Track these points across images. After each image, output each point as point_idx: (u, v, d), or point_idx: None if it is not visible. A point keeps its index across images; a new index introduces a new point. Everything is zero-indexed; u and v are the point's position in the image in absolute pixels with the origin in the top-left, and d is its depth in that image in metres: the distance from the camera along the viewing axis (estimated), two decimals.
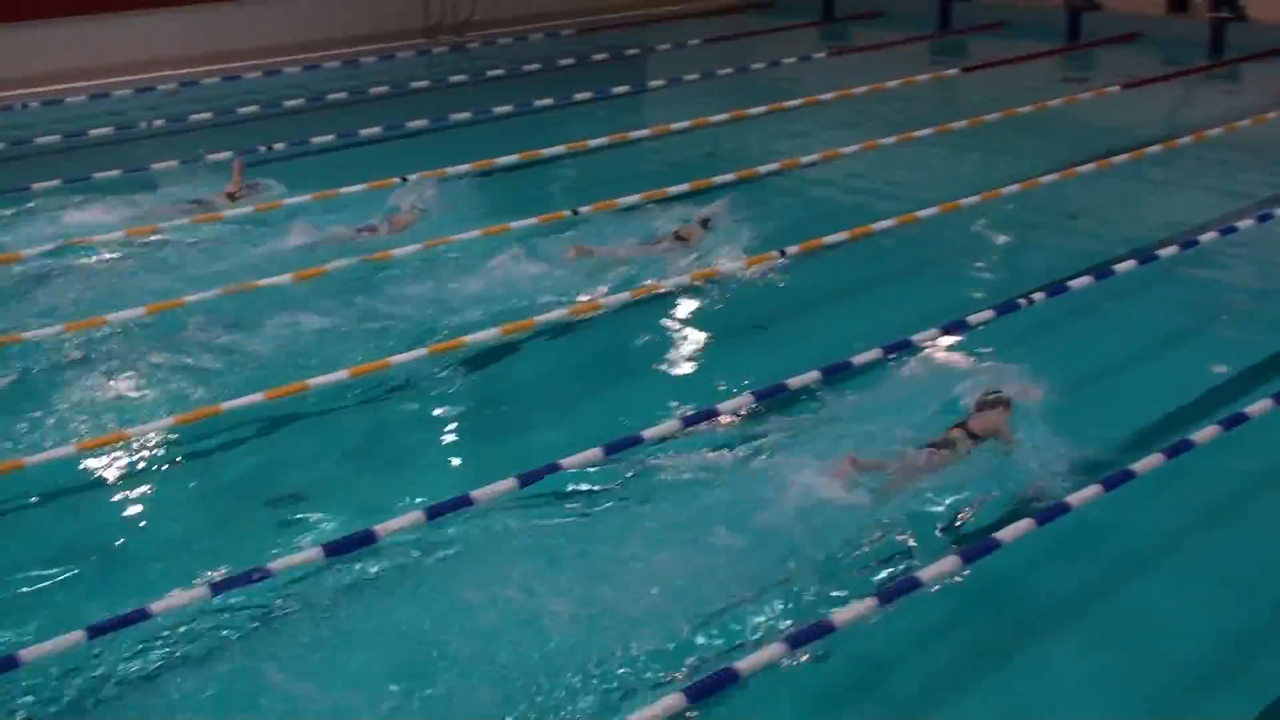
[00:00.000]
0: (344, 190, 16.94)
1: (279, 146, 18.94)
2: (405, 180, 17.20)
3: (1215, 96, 24.18)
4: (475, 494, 9.64)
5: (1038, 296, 13.29)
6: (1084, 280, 13.74)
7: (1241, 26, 27.25)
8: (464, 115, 21.13)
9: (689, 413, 10.99)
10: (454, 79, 24.70)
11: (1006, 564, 9.01)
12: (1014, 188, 17.19)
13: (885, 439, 10.35)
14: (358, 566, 9.06)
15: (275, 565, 8.81)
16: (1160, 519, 9.85)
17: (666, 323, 13.44)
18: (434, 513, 9.44)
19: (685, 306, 13.79)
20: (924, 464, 9.87)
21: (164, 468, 10.77)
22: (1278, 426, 10.82)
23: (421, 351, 12.24)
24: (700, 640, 8.29)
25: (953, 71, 25.24)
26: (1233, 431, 10.46)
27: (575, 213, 16.02)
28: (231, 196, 16.81)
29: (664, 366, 12.59)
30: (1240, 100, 23.46)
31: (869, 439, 10.31)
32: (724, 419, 10.95)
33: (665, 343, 13.06)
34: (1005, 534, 9.02)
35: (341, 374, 11.69)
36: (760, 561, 8.98)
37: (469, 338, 12.50)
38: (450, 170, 17.82)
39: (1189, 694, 8.19)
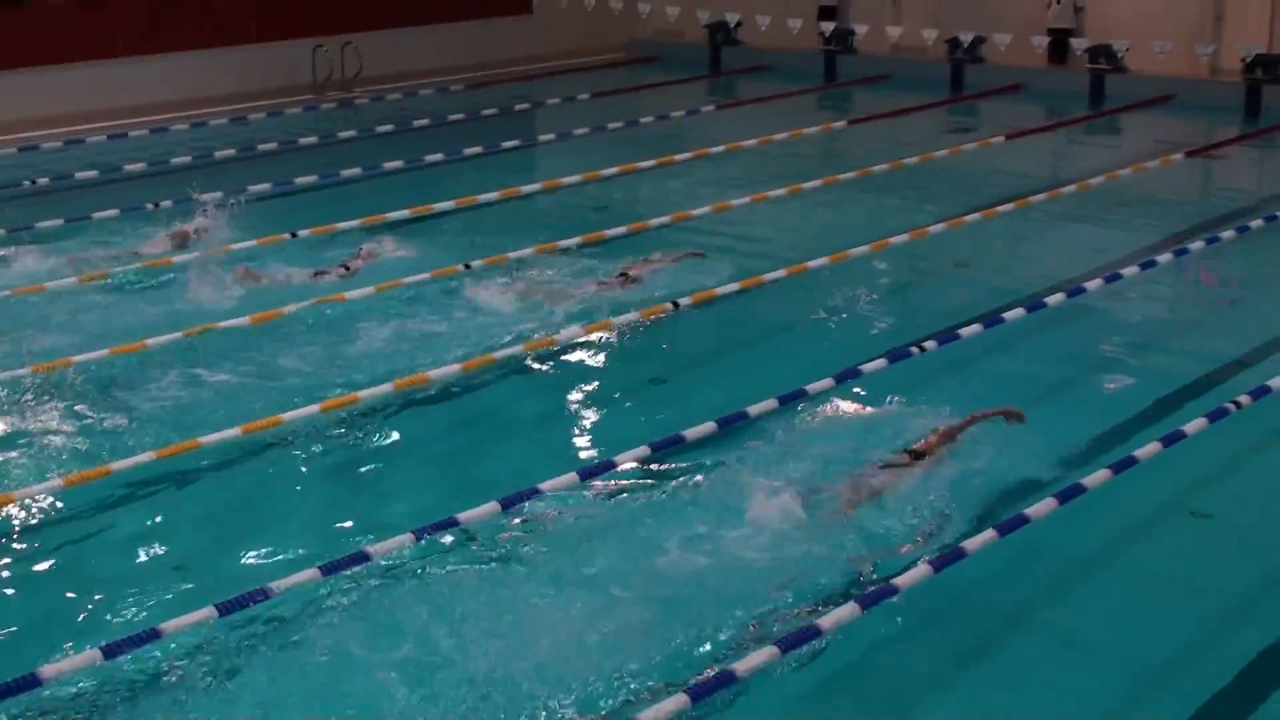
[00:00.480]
0: (232, 246, 16.78)
1: (166, 204, 18.73)
2: (295, 235, 17.13)
3: (1096, 146, 24.66)
4: (372, 549, 9.54)
5: (929, 345, 13.41)
6: (974, 328, 13.89)
7: (1120, 77, 27.84)
8: (353, 171, 21.03)
9: (585, 466, 10.96)
10: (343, 135, 24.62)
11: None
12: (903, 237, 17.38)
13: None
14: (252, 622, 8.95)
15: (167, 627, 8.64)
16: (1055, 564, 9.99)
17: (561, 377, 13.40)
18: (329, 569, 9.32)
19: (579, 361, 13.77)
20: (872, 486, 10.39)
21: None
22: (1165, 469, 11.00)
23: (314, 408, 12.10)
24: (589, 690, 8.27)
25: (840, 124, 25.53)
26: (1121, 475, 10.60)
27: (467, 267, 15.97)
28: (184, 240, 17.08)
29: (559, 422, 12.54)
30: (1120, 150, 23.94)
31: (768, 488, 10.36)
32: (622, 469, 10.93)
33: (559, 397, 13.01)
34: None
35: (234, 430, 11.55)
36: (668, 613, 8.97)
37: (361, 393, 12.39)
38: (340, 226, 17.72)
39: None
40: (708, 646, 8.69)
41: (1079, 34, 28.82)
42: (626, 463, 10.97)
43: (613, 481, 10.81)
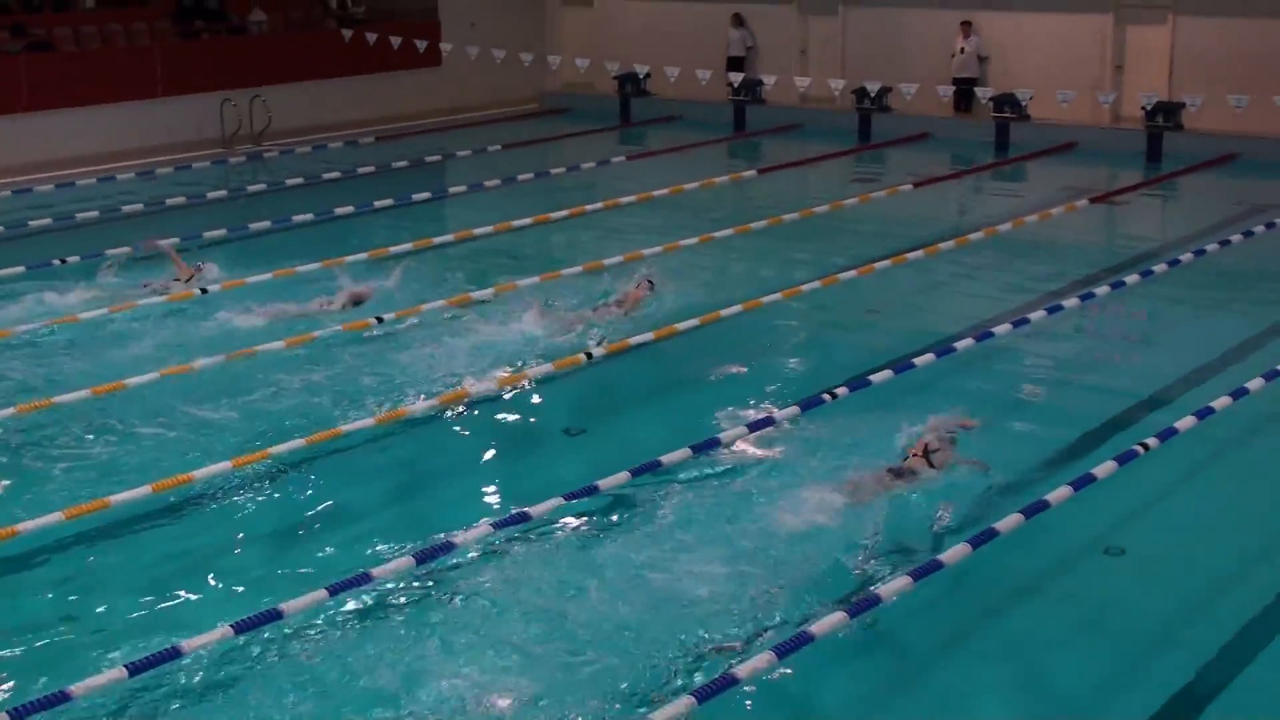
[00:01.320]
0: (141, 302, 16.62)
1: (73, 260, 18.51)
2: (205, 292, 17.03)
3: (1003, 193, 24.96)
4: (286, 606, 9.43)
5: (841, 391, 13.47)
6: (884, 374, 13.98)
7: (1025, 125, 28.25)
8: (263, 224, 20.90)
9: (500, 518, 10.91)
10: (252, 188, 24.47)
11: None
12: (814, 285, 17.49)
13: (702, 539, 10.52)
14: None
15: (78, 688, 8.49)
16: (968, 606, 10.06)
17: (479, 428, 13.34)
18: (240, 628, 9.19)
19: (496, 412, 13.71)
20: (875, 487, 11.27)
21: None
22: (1078, 510, 11.10)
23: (226, 465, 11.97)
24: None
25: (750, 173, 25.71)
26: (1033, 519, 10.69)
27: (380, 320, 15.89)
28: (185, 281, 17.35)
29: (475, 473, 12.47)
30: (1026, 196, 24.23)
31: (684, 547, 10.41)
32: (535, 519, 10.90)
33: (476, 449, 12.95)
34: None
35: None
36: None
37: (274, 448, 12.26)
38: (251, 280, 17.58)
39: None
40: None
41: (984, 83, 29.22)
42: (540, 512, 10.93)
43: (515, 539, 10.80)
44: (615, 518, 10.98)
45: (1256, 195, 23.46)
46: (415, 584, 10.06)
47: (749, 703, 8.69)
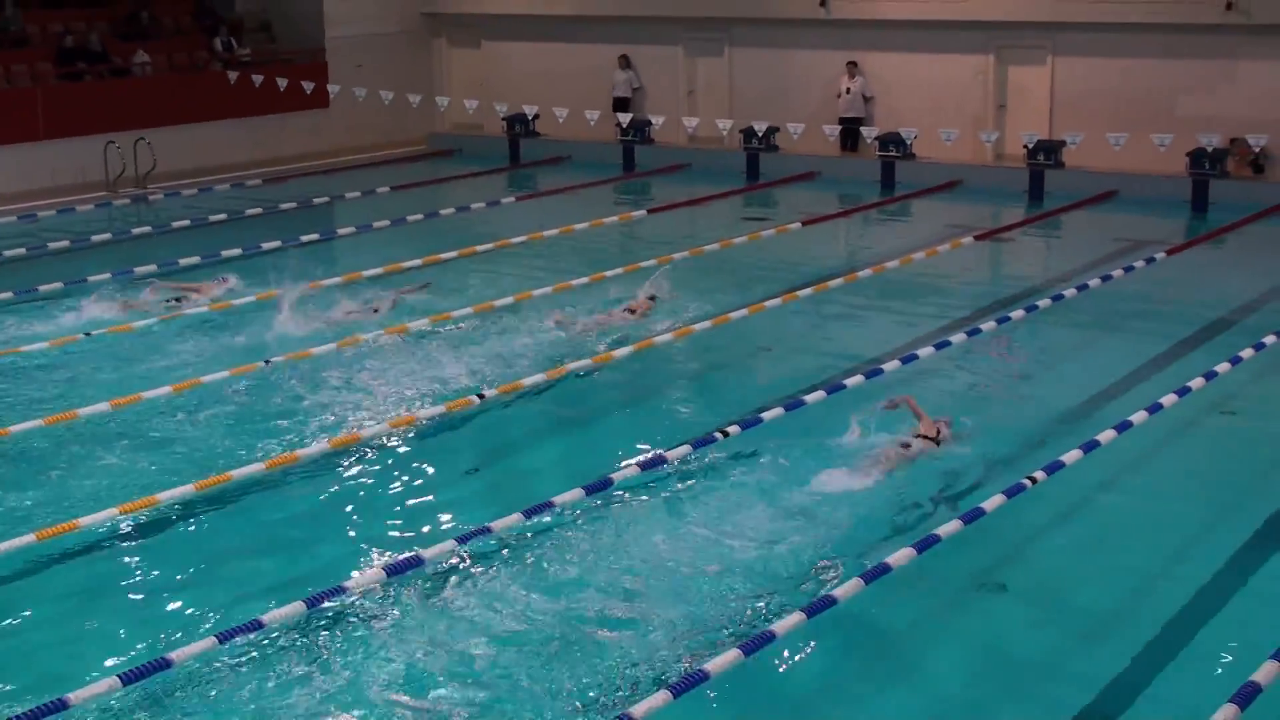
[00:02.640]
0: (24, 348, 16.38)
1: None
2: (89, 335, 16.82)
3: (890, 231, 25.22)
4: (174, 655, 9.31)
5: (732, 429, 13.52)
6: (776, 412, 14.05)
7: (910, 164, 28.60)
8: (149, 268, 20.65)
9: (392, 561, 10.84)
10: (137, 231, 24.18)
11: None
12: (705, 324, 17.56)
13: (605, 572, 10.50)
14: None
15: None
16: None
17: (374, 470, 13.26)
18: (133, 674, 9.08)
19: (390, 454, 13.63)
20: (886, 461, 12.58)
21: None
22: (968, 544, 11.22)
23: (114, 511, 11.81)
24: None
25: (639, 213, 25.79)
26: (924, 554, 10.78)
27: (268, 363, 15.75)
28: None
29: (368, 515, 12.38)
30: (913, 234, 24.47)
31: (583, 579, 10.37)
32: (427, 561, 10.86)
33: (374, 491, 12.85)
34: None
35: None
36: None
37: (160, 495, 12.12)
38: (136, 325, 17.38)
39: None
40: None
41: (869, 123, 29.57)
42: (431, 555, 10.88)
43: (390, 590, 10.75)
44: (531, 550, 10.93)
45: (1136, 231, 23.90)
46: (307, 629, 9.95)
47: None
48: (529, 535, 11.47)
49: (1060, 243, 24.65)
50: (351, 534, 11.96)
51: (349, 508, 12.48)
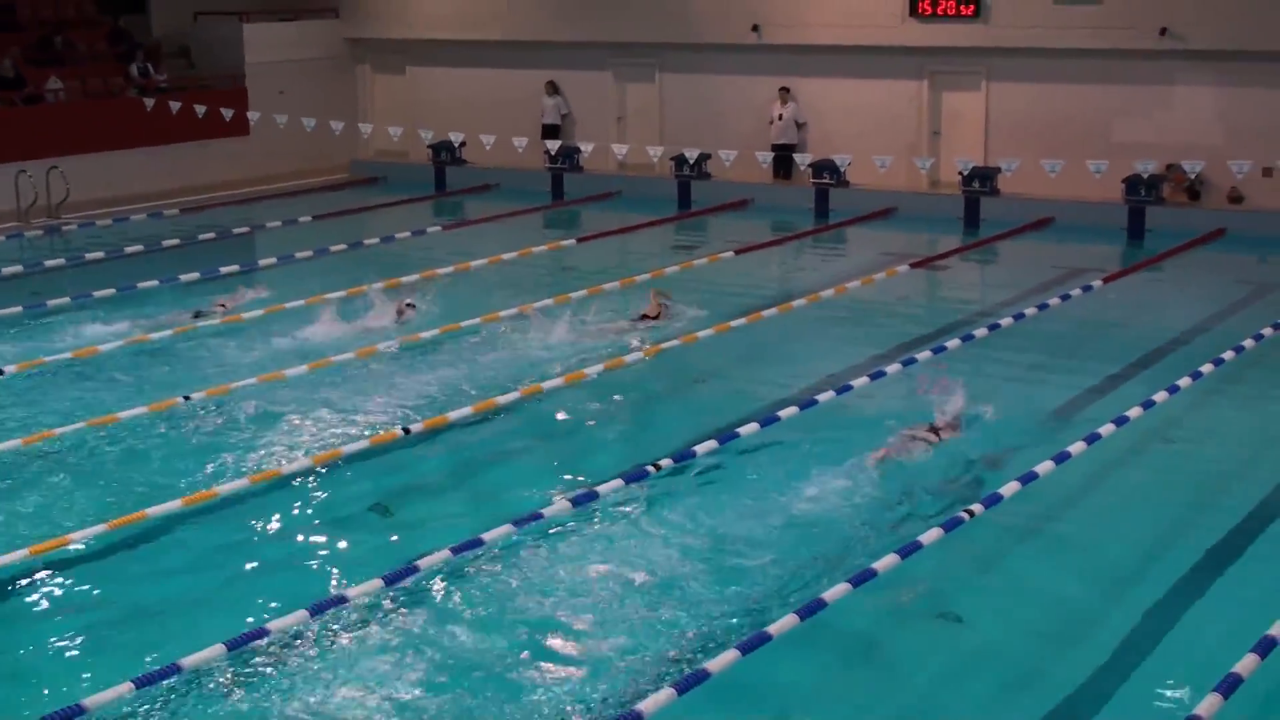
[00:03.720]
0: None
1: None
2: (2, 372, 16.72)
3: (824, 259, 25.31)
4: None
5: (664, 462, 13.50)
6: (709, 445, 14.03)
7: (844, 191, 28.73)
8: (62, 300, 20.43)
9: (315, 602, 10.75)
10: (50, 263, 23.92)
11: None
12: (636, 356, 17.54)
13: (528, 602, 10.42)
14: None
15: None
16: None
17: (287, 509, 13.13)
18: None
19: (306, 490, 13.51)
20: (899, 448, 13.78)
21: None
22: (906, 578, 11.23)
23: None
24: None
25: (569, 241, 25.76)
26: (861, 587, 10.78)
27: (187, 399, 15.59)
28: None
29: (282, 555, 12.26)
30: (847, 262, 24.59)
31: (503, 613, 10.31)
32: (352, 602, 10.78)
33: (287, 530, 12.73)
34: (646, 705, 9.13)
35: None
36: None
37: (73, 535, 11.96)
38: (48, 360, 17.19)
39: None
40: None
41: (802, 150, 29.68)
42: (357, 596, 10.80)
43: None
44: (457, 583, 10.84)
45: (1072, 259, 24.11)
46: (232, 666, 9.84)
47: None
48: (451, 565, 11.39)
49: (996, 271, 24.84)
50: (281, 567, 11.86)
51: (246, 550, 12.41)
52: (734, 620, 10.67)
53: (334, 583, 11.47)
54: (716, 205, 29.23)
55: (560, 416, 15.72)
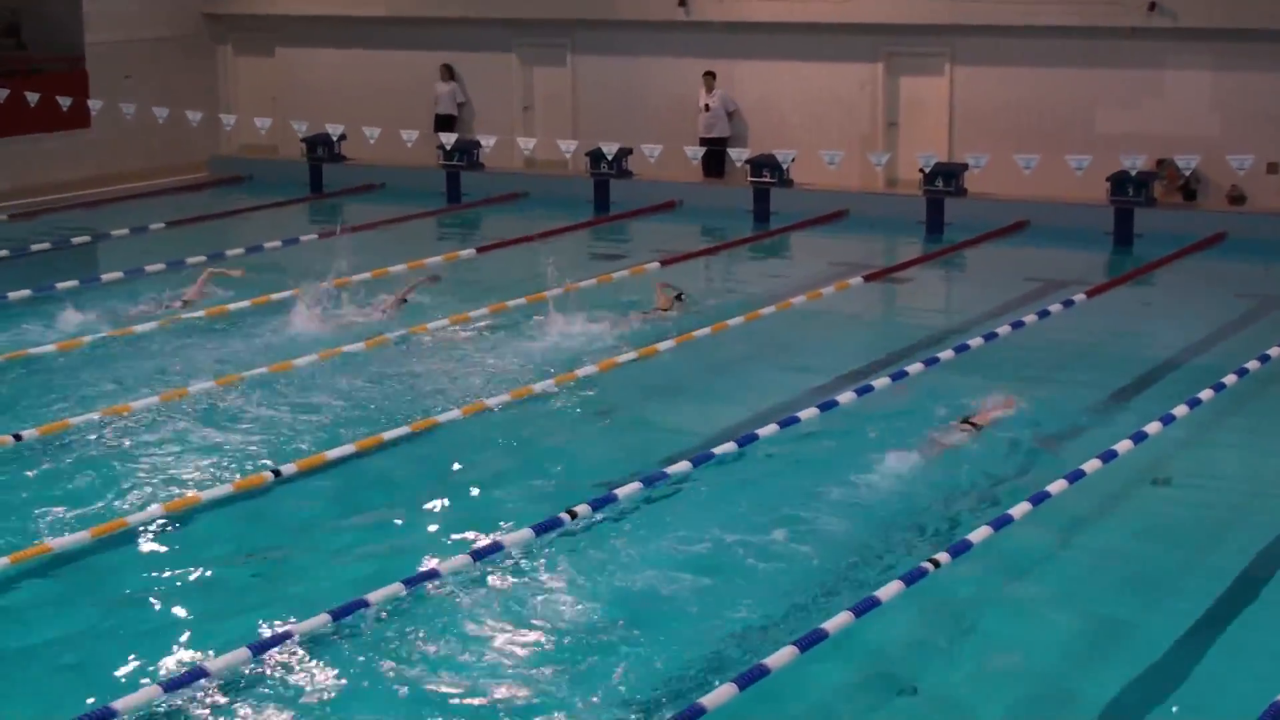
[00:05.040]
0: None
1: None
2: None
3: (765, 270, 25.35)
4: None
5: (581, 509, 13.49)
6: (633, 488, 14.04)
7: (787, 192, 28.80)
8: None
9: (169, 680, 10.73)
10: None
11: None
12: (546, 383, 17.53)
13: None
14: None
15: None
16: None
17: (145, 558, 13.13)
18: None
19: (168, 537, 13.49)
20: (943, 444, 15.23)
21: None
22: (862, 638, 11.29)
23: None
24: None
25: (468, 251, 25.70)
26: (811, 651, 10.82)
27: (18, 438, 15.49)
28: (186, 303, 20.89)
29: (146, 607, 12.28)
30: (791, 274, 24.59)
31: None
32: (213, 672, 10.79)
33: (153, 582, 12.72)
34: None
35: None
36: None
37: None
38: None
39: None
40: None
41: (738, 143, 29.80)
42: (220, 668, 10.77)
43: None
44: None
45: (1051, 269, 24.34)
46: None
47: None
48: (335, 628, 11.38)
49: (964, 283, 25.01)
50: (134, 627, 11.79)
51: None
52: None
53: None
54: (639, 208, 29.29)
55: (454, 455, 15.69)
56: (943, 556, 12.41)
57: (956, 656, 11.58)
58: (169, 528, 13.66)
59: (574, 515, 13.40)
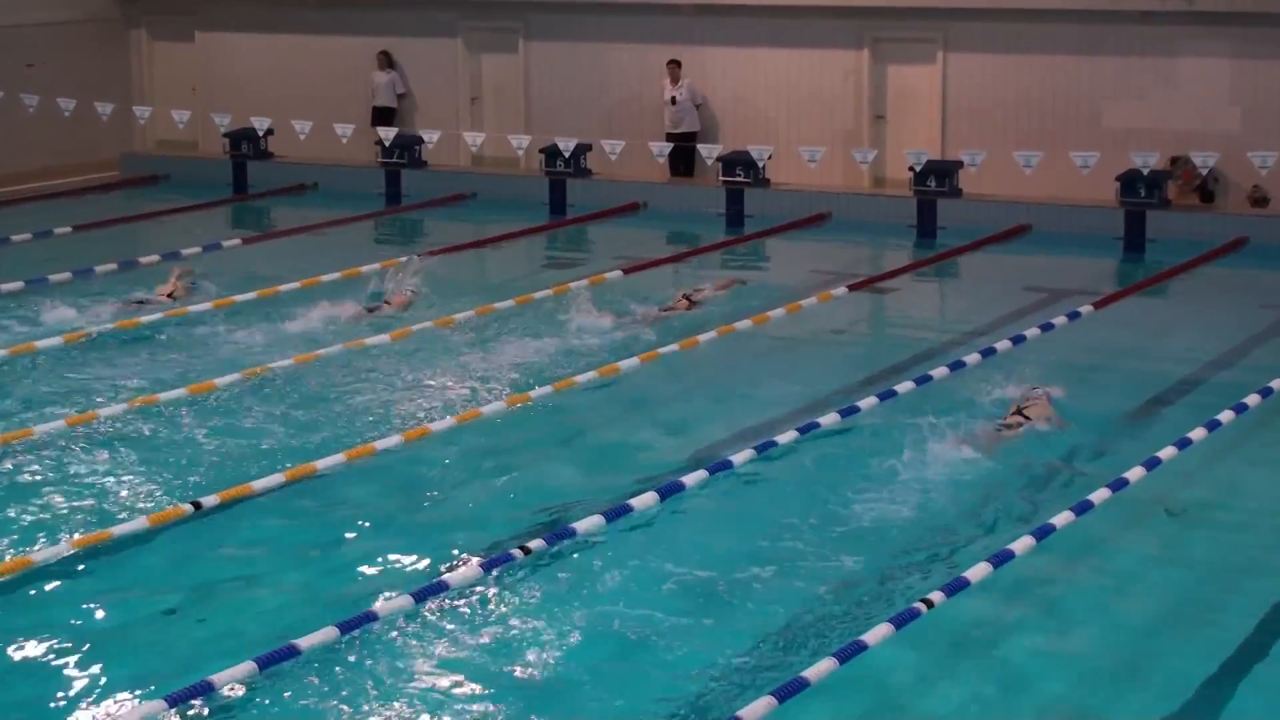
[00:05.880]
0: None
1: None
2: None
3: (737, 279, 25.31)
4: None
5: (535, 544, 13.48)
6: (595, 520, 14.03)
7: (763, 192, 28.81)
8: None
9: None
10: None
11: None
12: (497, 404, 17.50)
13: None
14: None
15: None
16: None
17: (55, 596, 13.07)
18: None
19: (79, 576, 13.45)
20: (990, 440, 16.16)
21: None
22: (850, 686, 11.30)
23: None
24: None
25: (409, 258, 25.63)
26: (787, 703, 10.83)
27: None
28: (171, 296, 22.07)
29: (54, 652, 12.13)
30: (768, 284, 24.50)
31: None
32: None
33: (61, 622, 12.62)
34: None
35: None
36: None
37: None
38: None
39: None
40: None
41: (708, 139, 29.79)
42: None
43: None
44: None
45: (1055, 277, 24.40)
46: None
47: None
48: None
49: (959, 294, 25.07)
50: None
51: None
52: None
53: None
54: (600, 211, 29.29)
55: (396, 487, 15.67)
56: (936, 596, 12.40)
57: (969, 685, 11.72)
58: (80, 566, 13.61)
59: (527, 551, 13.40)
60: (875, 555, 13.76)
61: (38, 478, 15.58)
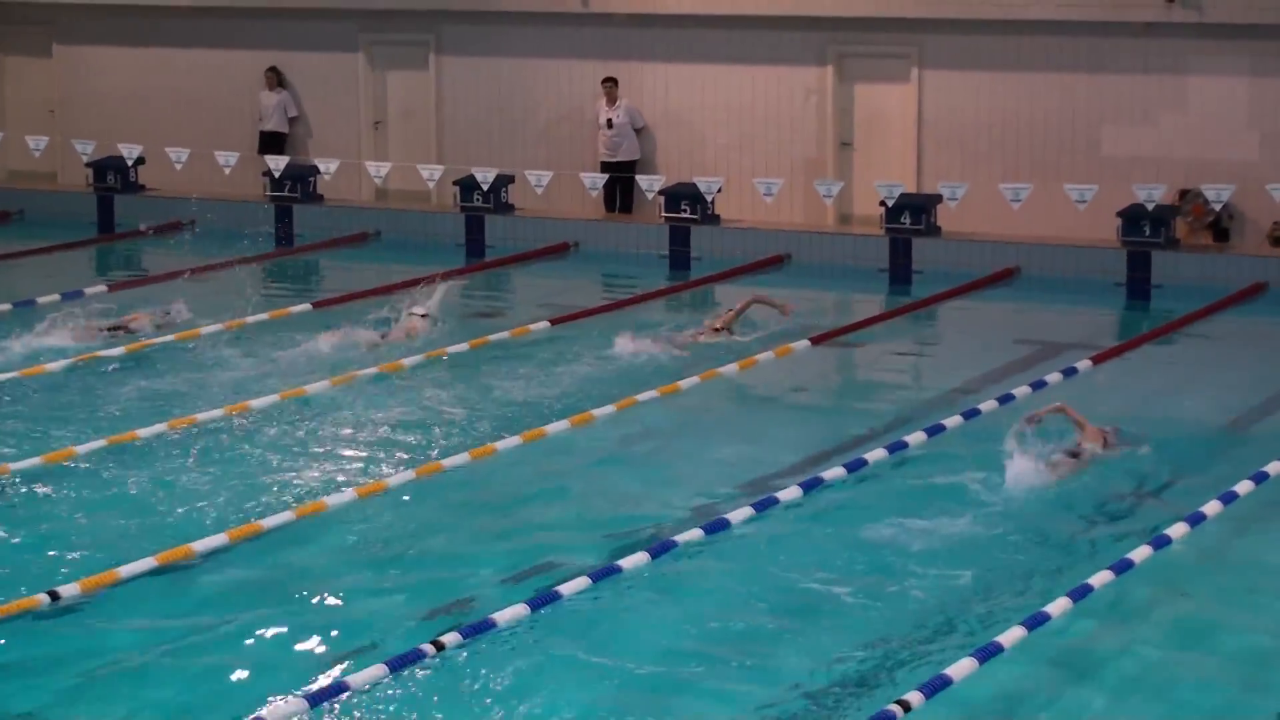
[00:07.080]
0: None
1: None
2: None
3: (683, 331, 25.42)
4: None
5: (450, 638, 13.55)
6: (517, 610, 14.09)
7: (710, 230, 28.93)
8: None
9: None
10: None
11: None
12: (406, 475, 17.57)
13: None
14: None
15: None
16: None
17: None
18: None
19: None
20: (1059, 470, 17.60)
21: None
22: None
23: None
24: None
25: (302, 307, 25.67)
26: None
27: None
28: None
29: None
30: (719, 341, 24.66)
31: None
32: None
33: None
34: None
35: None
36: None
37: None
38: None
39: None
40: None
41: (648, 169, 29.88)
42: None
43: None
44: None
45: (1046, 328, 24.60)
46: None
47: None
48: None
49: (937, 347, 25.21)
50: None
51: None
52: None
53: None
54: (523, 252, 29.36)
55: (296, 563, 15.72)
56: (914, 697, 12.50)
57: None
58: None
59: (440, 647, 13.47)
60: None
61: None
